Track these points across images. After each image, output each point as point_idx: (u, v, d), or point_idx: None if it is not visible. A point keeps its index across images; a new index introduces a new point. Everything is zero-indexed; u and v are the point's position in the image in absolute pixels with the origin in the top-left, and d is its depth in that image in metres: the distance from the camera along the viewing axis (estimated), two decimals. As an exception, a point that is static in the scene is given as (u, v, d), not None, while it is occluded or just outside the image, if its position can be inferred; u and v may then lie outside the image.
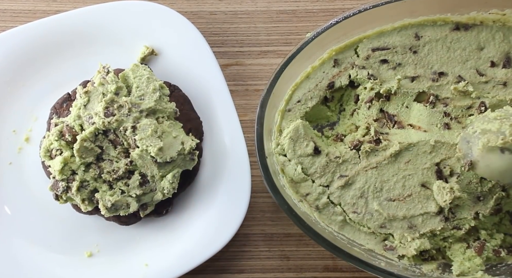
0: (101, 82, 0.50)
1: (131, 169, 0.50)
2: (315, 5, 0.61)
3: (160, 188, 0.50)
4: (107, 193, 0.49)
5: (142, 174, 0.50)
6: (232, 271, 0.56)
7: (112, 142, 0.50)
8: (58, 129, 0.50)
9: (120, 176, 0.49)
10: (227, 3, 0.61)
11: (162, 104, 0.51)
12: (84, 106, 0.50)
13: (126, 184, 0.49)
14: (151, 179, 0.50)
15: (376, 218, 0.49)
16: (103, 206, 0.48)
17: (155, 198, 0.50)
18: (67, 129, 0.49)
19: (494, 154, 0.44)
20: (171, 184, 0.50)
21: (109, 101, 0.49)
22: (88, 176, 0.49)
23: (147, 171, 0.50)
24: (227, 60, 0.60)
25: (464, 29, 0.51)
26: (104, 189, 0.49)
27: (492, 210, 0.49)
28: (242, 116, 0.57)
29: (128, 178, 0.50)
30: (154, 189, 0.50)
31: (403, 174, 0.49)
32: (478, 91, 0.50)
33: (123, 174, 0.49)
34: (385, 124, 0.52)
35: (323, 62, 0.52)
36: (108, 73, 0.50)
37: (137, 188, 0.49)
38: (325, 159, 0.50)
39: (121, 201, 0.49)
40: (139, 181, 0.49)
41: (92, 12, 0.55)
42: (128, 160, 0.49)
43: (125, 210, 0.50)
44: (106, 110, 0.49)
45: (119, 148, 0.50)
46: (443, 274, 0.48)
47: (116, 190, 0.49)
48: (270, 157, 0.49)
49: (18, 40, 0.54)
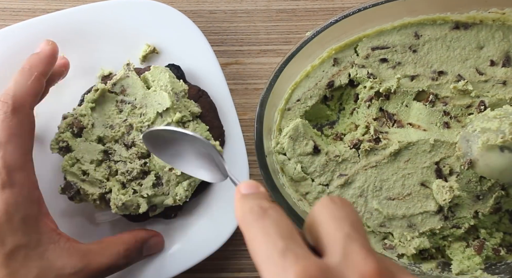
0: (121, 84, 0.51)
1: (145, 170, 0.49)
2: (314, 4, 0.61)
3: (173, 193, 0.50)
4: (120, 192, 0.49)
5: (158, 176, 0.49)
6: (231, 270, 0.56)
7: (125, 145, 0.50)
8: (67, 122, 0.50)
9: (135, 177, 0.49)
10: (227, 2, 0.60)
11: (181, 107, 0.50)
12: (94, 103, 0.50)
13: (139, 184, 0.49)
14: (165, 183, 0.49)
15: (375, 217, 0.49)
16: (114, 204, 0.48)
17: (165, 203, 0.50)
18: (75, 122, 0.49)
19: (494, 153, 0.44)
20: (185, 191, 0.49)
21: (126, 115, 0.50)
22: (99, 176, 0.49)
23: (165, 174, 0.49)
24: (227, 59, 0.60)
25: (464, 28, 0.51)
26: (118, 187, 0.49)
27: (492, 209, 0.49)
28: (242, 115, 0.57)
29: (142, 179, 0.49)
30: (167, 193, 0.50)
31: (403, 173, 0.49)
32: (478, 90, 0.50)
33: (138, 175, 0.49)
34: (384, 123, 0.52)
35: (323, 61, 0.52)
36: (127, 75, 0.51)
37: (150, 189, 0.49)
38: (325, 158, 0.50)
39: (132, 201, 0.48)
40: (153, 181, 0.49)
41: (92, 10, 0.55)
42: (143, 161, 0.49)
43: (135, 210, 0.49)
44: (122, 120, 0.49)
45: (134, 149, 0.49)
46: (442, 272, 0.48)
47: (129, 189, 0.49)
48: (270, 156, 0.49)
49: (19, 37, 0.54)
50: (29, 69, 0.46)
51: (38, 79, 0.45)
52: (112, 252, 0.46)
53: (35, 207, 0.43)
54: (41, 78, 0.46)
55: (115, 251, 0.46)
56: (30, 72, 0.45)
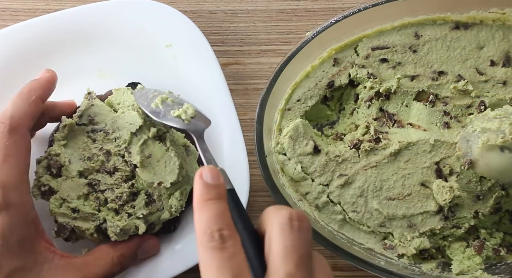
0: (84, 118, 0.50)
1: (134, 191, 0.49)
2: (315, 4, 0.61)
3: (168, 206, 0.49)
4: (115, 219, 0.48)
5: (148, 193, 0.49)
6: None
7: (107, 172, 0.49)
8: (42, 166, 0.49)
9: (126, 201, 0.48)
10: (227, 2, 0.61)
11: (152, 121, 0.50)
12: (65, 140, 0.49)
13: (132, 206, 0.48)
14: (157, 199, 0.49)
15: (375, 217, 0.49)
16: (112, 232, 0.47)
17: (162, 218, 0.49)
18: (51, 163, 0.48)
19: (494, 153, 0.44)
20: (179, 201, 0.49)
21: (100, 143, 0.49)
22: (89, 209, 0.48)
23: (154, 191, 0.49)
24: (227, 59, 0.60)
25: (464, 28, 0.51)
26: (111, 215, 0.48)
27: (492, 209, 0.49)
28: (242, 115, 0.57)
29: (133, 200, 0.49)
30: (161, 208, 0.49)
31: (403, 173, 0.49)
32: (478, 90, 0.50)
33: (128, 198, 0.48)
34: (384, 123, 0.52)
35: (323, 61, 0.52)
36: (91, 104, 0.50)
37: (143, 208, 0.48)
38: (325, 158, 0.50)
39: (129, 224, 0.48)
40: (144, 201, 0.48)
41: (92, 10, 0.55)
42: (130, 183, 0.48)
43: (134, 232, 0.49)
44: (98, 149, 0.49)
45: (117, 174, 0.49)
46: (442, 273, 0.48)
47: (123, 214, 0.48)
48: (270, 156, 0.49)
49: (19, 37, 0.54)
50: (28, 92, 0.46)
51: (36, 102, 0.45)
52: (106, 261, 0.46)
53: (31, 228, 0.43)
54: (38, 101, 0.46)
55: (108, 260, 0.46)
56: (29, 95, 0.45)
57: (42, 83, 0.47)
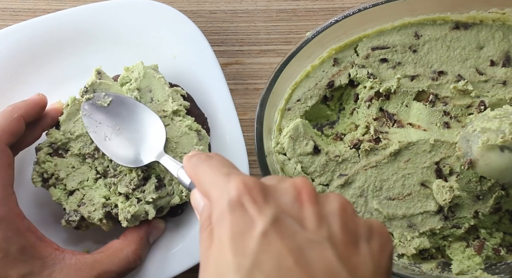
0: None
1: (145, 176, 0.49)
2: (315, 4, 0.61)
3: (178, 191, 0.49)
4: (125, 204, 0.48)
5: (159, 178, 0.49)
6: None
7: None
8: (45, 152, 0.48)
9: (137, 185, 0.48)
10: (227, 2, 0.61)
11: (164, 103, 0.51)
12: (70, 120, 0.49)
13: (142, 191, 0.48)
14: (168, 183, 0.49)
15: (375, 217, 0.49)
16: (123, 218, 0.47)
17: (172, 202, 0.49)
18: (56, 145, 0.48)
19: (494, 153, 0.44)
20: None
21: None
22: (98, 196, 0.48)
23: (166, 175, 0.49)
24: (227, 59, 0.60)
25: (464, 28, 0.51)
26: (121, 200, 0.48)
27: (492, 209, 0.49)
28: (242, 115, 0.57)
29: (144, 185, 0.49)
30: (171, 192, 0.49)
31: (403, 173, 0.49)
32: (478, 90, 0.50)
33: (139, 182, 0.48)
34: (384, 123, 0.52)
35: (323, 61, 0.52)
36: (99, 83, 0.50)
37: (153, 192, 0.48)
38: (325, 158, 0.50)
39: (140, 210, 0.48)
40: (155, 184, 0.48)
41: (92, 10, 0.55)
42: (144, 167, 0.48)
43: (144, 218, 0.48)
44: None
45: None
46: (442, 272, 0.48)
47: (133, 199, 0.48)
48: (270, 156, 0.49)
49: (19, 37, 0.54)
50: (11, 110, 0.46)
51: (17, 119, 0.45)
52: (120, 259, 0.46)
53: (29, 236, 0.43)
54: (20, 119, 0.46)
55: (123, 257, 0.46)
56: (11, 113, 0.46)
57: (27, 103, 0.48)
